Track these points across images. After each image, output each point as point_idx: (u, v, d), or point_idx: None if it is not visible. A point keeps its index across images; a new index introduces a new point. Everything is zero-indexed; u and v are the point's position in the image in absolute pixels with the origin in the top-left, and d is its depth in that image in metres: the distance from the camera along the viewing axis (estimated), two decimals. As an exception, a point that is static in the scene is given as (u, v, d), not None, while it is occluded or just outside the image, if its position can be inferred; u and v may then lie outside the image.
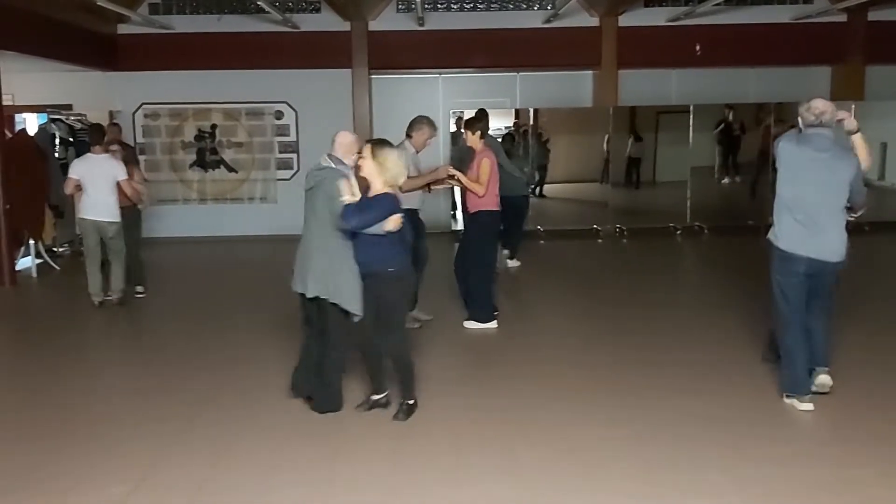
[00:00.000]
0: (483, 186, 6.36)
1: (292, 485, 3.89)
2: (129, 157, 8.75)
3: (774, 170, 4.87)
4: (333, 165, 4.65)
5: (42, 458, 4.25)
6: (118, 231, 7.61)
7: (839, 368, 5.07)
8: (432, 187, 6.52)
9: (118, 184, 7.55)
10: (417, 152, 6.41)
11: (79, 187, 7.50)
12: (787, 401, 4.78)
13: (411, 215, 6.28)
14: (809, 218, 4.52)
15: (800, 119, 4.61)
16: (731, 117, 12.11)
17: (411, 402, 4.74)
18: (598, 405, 4.90)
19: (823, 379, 4.83)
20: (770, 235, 5.04)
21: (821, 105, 4.51)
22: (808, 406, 4.68)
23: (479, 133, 6.54)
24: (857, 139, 4.70)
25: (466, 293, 6.76)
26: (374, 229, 4.43)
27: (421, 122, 6.41)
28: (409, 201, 6.26)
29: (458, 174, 6.37)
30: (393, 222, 4.44)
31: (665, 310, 7.31)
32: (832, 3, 11.70)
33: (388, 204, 4.47)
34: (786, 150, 4.60)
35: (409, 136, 6.41)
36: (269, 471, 4.05)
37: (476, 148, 6.55)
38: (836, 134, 4.59)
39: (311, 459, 4.17)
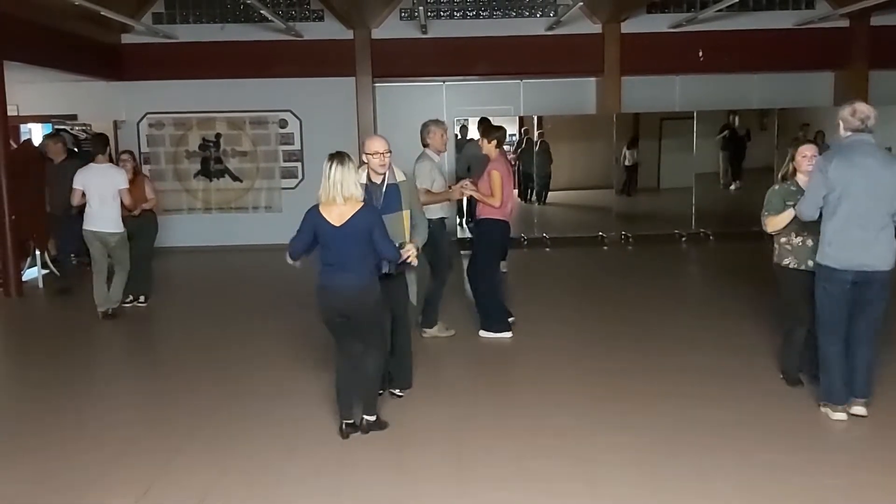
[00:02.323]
0: (498, 199, 6.32)
1: (297, 496, 3.88)
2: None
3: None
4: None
5: (47, 469, 4.25)
6: (121, 241, 7.56)
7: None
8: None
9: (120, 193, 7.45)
10: (440, 154, 6.45)
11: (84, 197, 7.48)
12: (823, 409, 4.73)
13: (439, 225, 6.29)
14: (862, 228, 4.37)
15: (841, 123, 4.49)
16: (736, 122, 12.08)
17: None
18: (605, 412, 4.89)
19: (859, 410, 4.64)
20: (777, 259, 5.05)
21: (865, 109, 4.42)
22: (841, 416, 4.61)
23: (494, 142, 6.51)
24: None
25: (477, 302, 6.73)
26: None
27: (428, 126, 6.42)
28: (437, 210, 6.31)
29: (474, 192, 6.34)
30: None
31: (671, 316, 7.29)
32: (834, 8, 11.70)
33: None
34: (833, 172, 4.37)
35: (426, 144, 6.40)
36: (274, 482, 4.04)
37: (491, 156, 6.53)
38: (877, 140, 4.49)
39: (317, 470, 4.16)
